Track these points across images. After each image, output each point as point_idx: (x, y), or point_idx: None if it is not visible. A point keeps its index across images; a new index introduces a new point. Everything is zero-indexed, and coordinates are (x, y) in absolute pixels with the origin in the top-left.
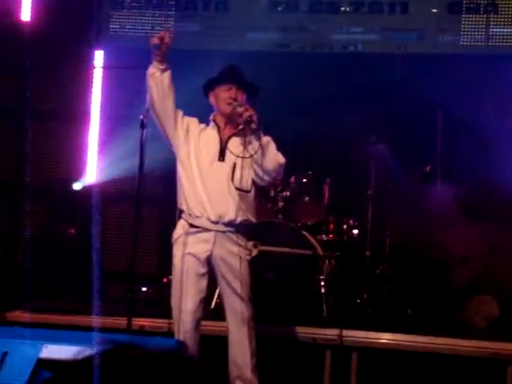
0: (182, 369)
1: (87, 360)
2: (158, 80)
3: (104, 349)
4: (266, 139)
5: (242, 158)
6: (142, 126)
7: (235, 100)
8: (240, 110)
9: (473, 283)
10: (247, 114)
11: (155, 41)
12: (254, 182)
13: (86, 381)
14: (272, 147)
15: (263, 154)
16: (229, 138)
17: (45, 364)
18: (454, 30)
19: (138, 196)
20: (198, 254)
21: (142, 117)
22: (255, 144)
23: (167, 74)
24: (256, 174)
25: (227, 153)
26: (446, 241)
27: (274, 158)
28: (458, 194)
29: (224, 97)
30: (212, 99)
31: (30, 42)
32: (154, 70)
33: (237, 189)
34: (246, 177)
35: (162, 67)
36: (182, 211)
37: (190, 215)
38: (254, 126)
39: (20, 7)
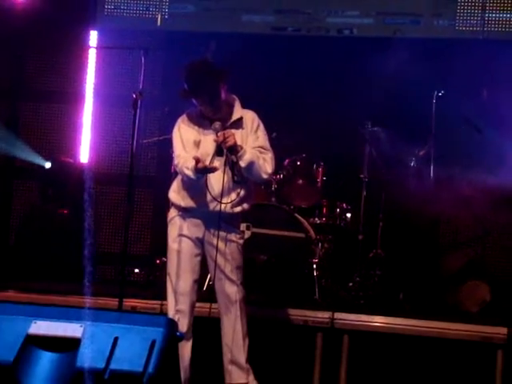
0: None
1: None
2: (192, 180)
3: None
4: (248, 158)
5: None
6: (135, 105)
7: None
8: (220, 139)
9: (465, 268)
10: (227, 145)
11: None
12: None
13: None
14: (255, 166)
15: (248, 174)
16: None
17: (34, 340)
18: (449, 14)
19: (131, 176)
20: (191, 235)
21: (134, 95)
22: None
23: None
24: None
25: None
26: (439, 225)
27: (259, 175)
28: (451, 179)
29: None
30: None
31: (24, 23)
32: (190, 174)
33: (236, 182)
34: None
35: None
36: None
37: (184, 209)
38: (233, 158)
39: None
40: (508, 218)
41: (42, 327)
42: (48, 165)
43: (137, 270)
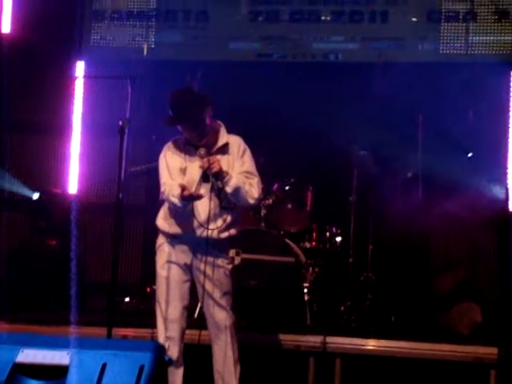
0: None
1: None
2: (179, 207)
3: None
4: (233, 184)
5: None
6: (121, 132)
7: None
8: (205, 165)
9: (456, 289)
10: (212, 171)
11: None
12: None
13: None
14: (242, 192)
15: (235, 199)
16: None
17: (21, 368)
18: (433, 38)
19: (118, 204)
20: (179, 262)
21: (120, 122)
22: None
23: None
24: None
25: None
26: (430, 247)
27: (246, 200)
28: (440, 200)
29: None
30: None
31: (10, 54)
32: (176, 202)
33: (223, 208)
34: None
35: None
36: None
37: (171, 235)
38: (219, 184)
39: (0, 19)
40: (497, 238)
41: (29, 355)
42: (36, 196)
43: (127, 299)
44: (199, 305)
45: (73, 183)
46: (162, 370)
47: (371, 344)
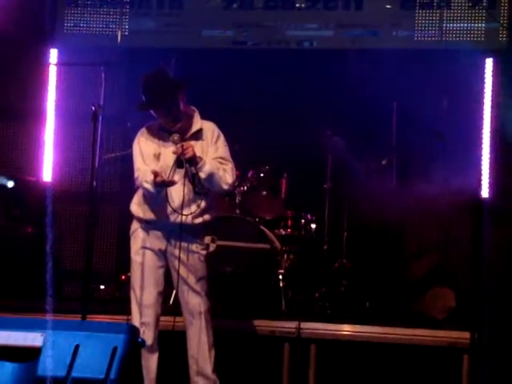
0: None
1: None
2: (152, 193)
3: None
4: (207, 169)
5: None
6: (95, 118)
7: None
8: (178, 151)
9: (429, 274)
10: (186, 157)
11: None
12: None
13: None
14: (215, 177)
15: (209, 185)
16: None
17: None
18: (408, 25)
19: (91, 191)
20: (154, 247)
21: (93, 107)
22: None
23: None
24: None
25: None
26: (404, 233)
27: (220, 186)
28: (414, 186)
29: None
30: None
31: None
32: (150, 188)
33: (197, 193)
34: None
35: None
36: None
37: (145, 221)
38: (193, 169)
39: None
40: (471, 223)
41: (1, 337)
42: (11, 184)
43: (102, 287)
44: (174, 292)
45: (47, 171)
46: (136, 352)
47: (346, 329)
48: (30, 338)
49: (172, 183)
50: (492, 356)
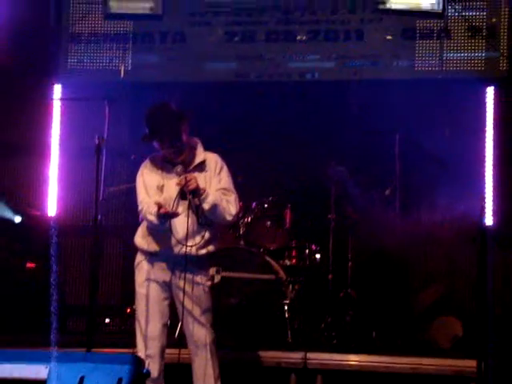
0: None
1: None
2: (156, 225)
3: None
4: (210, 200)
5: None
6: (98, 150)
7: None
8: (182, 183)
9: (436, 304)
10: (189, 188)
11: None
12: None
13: None
14: (219, 209)
15: (212, 216)
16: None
17: None
18: (408, 55)
19: (96, 224)
20: (158, 279)
21: (96, 140)
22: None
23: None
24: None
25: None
26: (409, 262)
27: (223, 217)
28: (418, 216)
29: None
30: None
31: None
32: (153, 220)
33: (201, 224)
34: None
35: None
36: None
37: (150, 253)
38: (196, 201)
39: None
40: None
41: (6, 370)
42: (18, 219)
43: (107, 320)
44: (180, 324)
45: (52, 205)
46: (141, 383)
47: (352, 359)
48: (35, 371)
49: (176, 215)
50: None
